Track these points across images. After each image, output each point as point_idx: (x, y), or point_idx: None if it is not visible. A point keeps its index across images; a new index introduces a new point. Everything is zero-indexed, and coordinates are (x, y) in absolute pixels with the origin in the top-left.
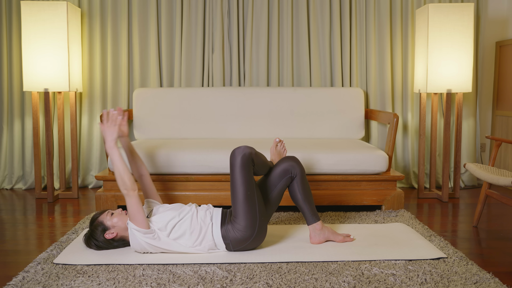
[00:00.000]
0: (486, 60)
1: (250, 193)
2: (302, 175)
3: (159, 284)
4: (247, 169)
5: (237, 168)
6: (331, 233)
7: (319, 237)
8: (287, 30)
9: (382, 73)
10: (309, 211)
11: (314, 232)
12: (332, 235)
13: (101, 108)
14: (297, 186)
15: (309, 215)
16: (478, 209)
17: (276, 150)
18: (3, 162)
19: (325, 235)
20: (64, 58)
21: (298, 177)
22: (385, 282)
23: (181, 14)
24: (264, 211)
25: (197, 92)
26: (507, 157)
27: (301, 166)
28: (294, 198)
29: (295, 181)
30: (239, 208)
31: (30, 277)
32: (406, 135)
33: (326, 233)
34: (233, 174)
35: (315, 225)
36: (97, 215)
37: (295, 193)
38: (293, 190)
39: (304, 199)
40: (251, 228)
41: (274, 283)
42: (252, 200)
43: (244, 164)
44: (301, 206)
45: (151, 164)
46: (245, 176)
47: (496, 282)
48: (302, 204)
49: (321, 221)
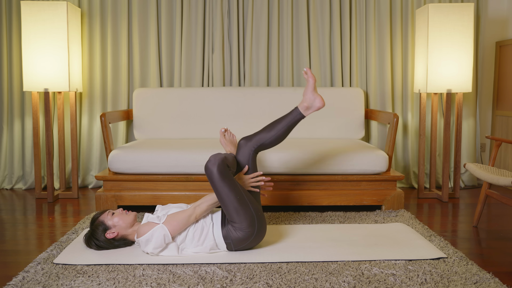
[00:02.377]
0: (486, 60)
1: (239, 196)
2: (259, 140)
3: (159, 284)
4: (227, 176)
5: (217, 180)
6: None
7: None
8: (287, 30)
9: (382, 73)
10: (286, 118)
11: (307, 97)
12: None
13: (101, 108)
14: (260, 145)
15: (290, 115)
16: (478, 209)
17: (226, 139)
18: (3, 162)
19: (311, 96)
20: (64, 58)
21: (255, 144)
22: (385, 282)
23: (181, 14)
24: (257, 205)
25: (197, 92)
26: (507, 157)
27: (253, 136)
28: (265, 143)
29: (256, 148)
30: (234, 214)
31: (30, 277)
32: (406, 135)
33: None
34: (216, 187)
35: (300, 106)
36: (97, 215)
37: (264, 143)
38: (261, 146)
39: (274, 129)
40: (252, 226)
41: (274, 283)
42: (244, 202)
43: (222, 173)
44: (279, 129)
45: (151, 164)
46: (228, 184)
47: (496, 282)
48: (276, 129)
49: (298, 107)
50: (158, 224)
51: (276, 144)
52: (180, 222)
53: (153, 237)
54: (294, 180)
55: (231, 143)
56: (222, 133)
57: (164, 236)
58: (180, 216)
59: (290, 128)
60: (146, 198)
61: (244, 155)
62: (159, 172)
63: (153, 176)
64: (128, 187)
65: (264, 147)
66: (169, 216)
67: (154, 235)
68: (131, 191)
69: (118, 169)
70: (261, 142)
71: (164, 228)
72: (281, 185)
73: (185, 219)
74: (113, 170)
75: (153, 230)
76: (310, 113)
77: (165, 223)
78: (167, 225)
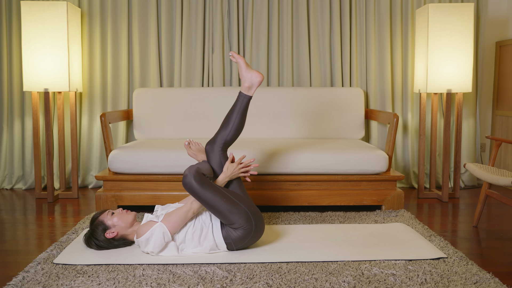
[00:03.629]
0: (486, 60)
1: (226, 198)
2: (220, 139)
3: (159, 284)
4: (207, 183)
5: (198, 190)
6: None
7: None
8: (287, 30)
9: (382, 73)
10: (236, 107)
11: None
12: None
13: (101, 108)
14: (224, 143)
15: (238, 102)
16: (478, 209)
17: (194, 150)
18: (3, 162)
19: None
20: (64, 58)
21: (219, 144)
22: (385, 282)
23: (181, 14)
24: (247, 200)
25: (197, 92)
26: (507, 157)
27: (215, 138)
28: (228, 139)
29: (222, 147)
30: (229, 216)
31: (30, 277)
32: (406, 135)
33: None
34: (200, 197)
35: (242, 89)
36: (97, 214)
37: (227, 140)
38: (226, 143)
39: (229, 123)
40: (249, 222)
41: (274, 283)
42: (232, 202)
43: (201, 183)
44: (234, 120)
45: (151, 164)
46: (210, 190)
47: (496, 282)
48: (232, 122)
49: (241, 90)
50: (157, 223)
51: (239, 134)
52: (178, 218)
53: (153, 236)
54: (294, 180)
55: (199, 152)
56: (187, 146)
57: (164, 234)
58: (178, 212)
59: (244, 114)
60: (146, 198)
61: (215, 158)
62: (159, 172)
63: (153, 176)
64: (128, 187)
65: (229, 143)
66: (167, 214)
67: (154, 233)
68: (131, 191)
69: (118, 169)
70: (223, 140)
71: (163, 226)
72: (281, 185)
73: (183, 215)
74: (113, 170)
75: (152, 229)
76: (254, 90)
77: (163, 221)
78: (165, 222)
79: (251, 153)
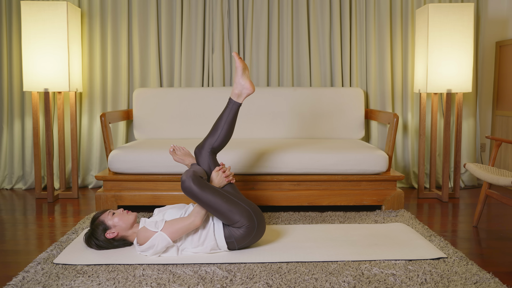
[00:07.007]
0: (486, 60)
1: (226, 198)
2: (209, 145)
3: (159, 284)
4: (205, 185)
5: (198, 193)
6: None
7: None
8: (287, 30)
9: (382, 73)
10: (224, 114)
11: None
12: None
13: (101, 108)
14: (212, 149)
15: (227, 108)
16: (478, 209)
17: (179, 155)
18: (3, 162)
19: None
20: (64, 58)
21: (207, 149)
22: (385, 282)
23: (181, 14)
24: (246, 200)
25: (197, 92)
26: (507, 157)
27: (204, 143)
28: (216, 146)
29: (210, 152)
30: (230, 215)
31: (30, 277)
32: (406, 135)
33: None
34: (201, 200)
35: (232, 96)
36: (98, 214)
37: (214, 146)
38: (214, 149)
39: (218, 129)
40: (251, 220)
41: (274, 283)
42: (232, 201)
43: (200, 185)
44: (222, 126)
45: (151, 164)
46: (210, 192)
47: (496, 282)
48: (220, 128)
49: (231, 96)
50: (157, 232)
51: (227, 141)
52: (180, 230)
53: (154, 246)
54: (294, 180)
55: (186, 156)
56: (172, 152)
57: (167, 244)
58: (181, 224)
59: (233, 122)
60: (146, 198)
61: (204, 161)
62: (159, 172)
63: (153, 176)
64: (128, 187)
65: (217, 149)
66: (168, 222)
67: (156, 244)
68: (131, 191)
69: (118, 169)
70: (211, 146)
71: (165, 237)
72: (281, 185)
73: (185, 227)
74: (113, 170)
75: (153, 239)
76: (244, 99)
77: (165, 230)
78: (167, 232)
79: (251, 153)
